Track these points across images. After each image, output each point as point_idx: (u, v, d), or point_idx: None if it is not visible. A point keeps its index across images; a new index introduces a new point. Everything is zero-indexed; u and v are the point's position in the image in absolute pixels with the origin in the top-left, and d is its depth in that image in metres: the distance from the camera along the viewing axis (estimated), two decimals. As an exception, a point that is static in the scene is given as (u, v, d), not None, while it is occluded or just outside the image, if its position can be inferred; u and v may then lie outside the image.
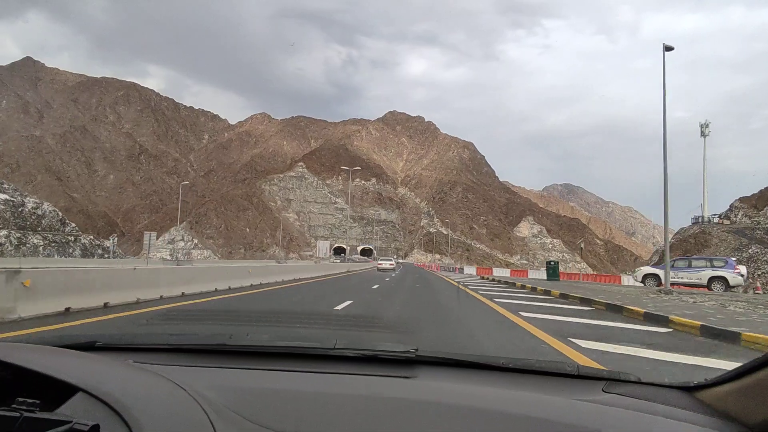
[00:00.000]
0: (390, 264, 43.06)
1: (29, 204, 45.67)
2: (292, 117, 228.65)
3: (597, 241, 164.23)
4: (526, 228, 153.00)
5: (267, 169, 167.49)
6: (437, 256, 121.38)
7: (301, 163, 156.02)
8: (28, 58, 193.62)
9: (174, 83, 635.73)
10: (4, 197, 43.31)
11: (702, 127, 71.93)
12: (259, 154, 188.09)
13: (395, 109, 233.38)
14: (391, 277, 26.18)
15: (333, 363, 1.33)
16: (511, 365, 1.32)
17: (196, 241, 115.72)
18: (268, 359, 1.34)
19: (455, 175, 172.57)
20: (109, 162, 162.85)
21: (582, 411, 1.02)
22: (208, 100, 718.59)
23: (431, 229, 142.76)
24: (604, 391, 1.18)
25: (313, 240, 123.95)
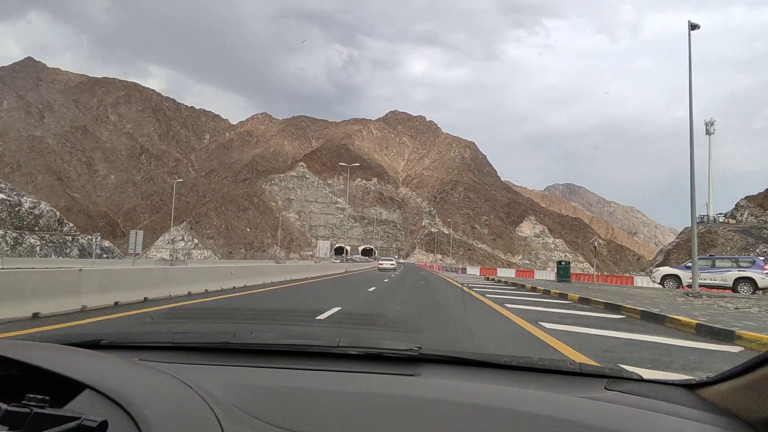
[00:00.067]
0: (391, 264, 44.99)
1: (26, 204, 45.14)
2: (293, 117, 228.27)
3: (599, 240, 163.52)
4: (528, 228, 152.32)
5: (268, 168, 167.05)
6: (439, 256, 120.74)
7: (302, 163, 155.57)
8: (30, 59, 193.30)
9: (175, 83, 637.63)
10: (0, 197, 42.76)
11: (707, 125, 71.11)
12: (260, 154, 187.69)
13: (396, 109, 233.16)
14: (390, 278, 25.76)
15: (337, 361, 1.34)
16: (514, 363, 1.33)
17: (196, 241, 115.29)
18: (272, 357, 1.35)
19: (457, 175, 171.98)
20: (110, 162, 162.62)
21: (584, 408, 1.03)
22: (209, 100, 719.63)
23: (433, 229, 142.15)
24: (606, 388, 1.19)
25: (314, 240, 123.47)
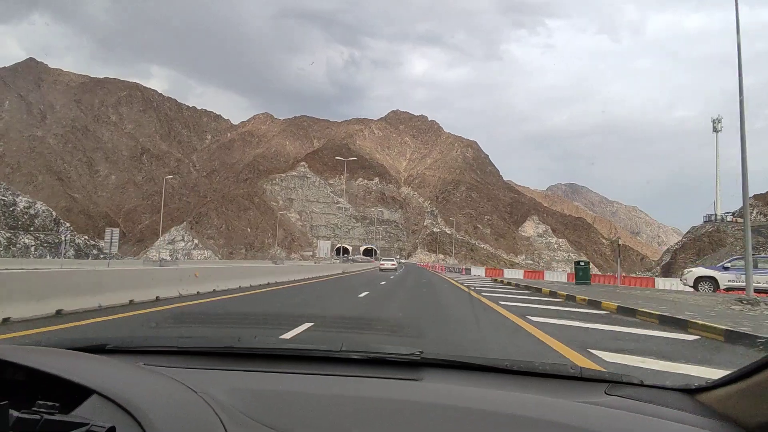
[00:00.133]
0: (392, 264, 45.99)
1: (21, 203, 44.35)
2: (295, 117, 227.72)
3: (602, 240, 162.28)
4: (531, 227, 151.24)
5: (269, 168, 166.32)
6: (441, 256, 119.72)
7: (303, 163, 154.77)
8: (31, 59, 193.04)
9: (177, 84, 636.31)
10: (-6, 196, 42.01)
11: (714, 123, 69.90)
12: (261, 154, 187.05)
13: (398, 109, 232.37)
14: (389, 280, 24.76)
15: (339, 365, 1.34)
16: (515, 367, 1.33)
17: (196, 241, 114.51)
18: (275, 362, 1.36)
19: (459, 175, 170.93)
20: (111, 162, 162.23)
21: (585, 413, 1.03)
22: (210, 101, 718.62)
23: (435, 229, 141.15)
24: (606, 393, 1.19)
25: (315, 240, 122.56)
